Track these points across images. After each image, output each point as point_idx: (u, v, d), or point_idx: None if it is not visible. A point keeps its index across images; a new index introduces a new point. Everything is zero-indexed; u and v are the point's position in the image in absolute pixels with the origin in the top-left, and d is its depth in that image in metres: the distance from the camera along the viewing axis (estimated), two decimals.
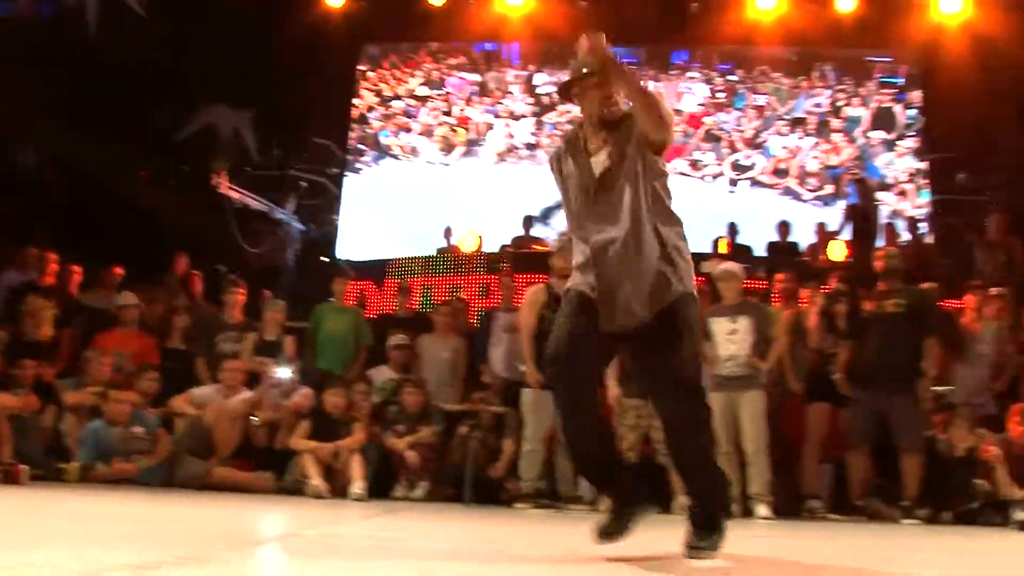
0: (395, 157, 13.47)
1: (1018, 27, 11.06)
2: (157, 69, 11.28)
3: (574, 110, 13.19)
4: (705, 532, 3.18)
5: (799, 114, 13.40)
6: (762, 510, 6.25)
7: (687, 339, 3.21)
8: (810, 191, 13.00)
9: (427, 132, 13.55)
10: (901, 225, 11.76)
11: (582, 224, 3.31)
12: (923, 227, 12.14)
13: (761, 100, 13.46)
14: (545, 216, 11.99)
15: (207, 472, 6.81)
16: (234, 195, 11.12)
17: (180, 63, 11.57)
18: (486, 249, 10.84)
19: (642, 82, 3.18)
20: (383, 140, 13.54)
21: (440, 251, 10.94)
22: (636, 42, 13.58)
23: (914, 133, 13.09)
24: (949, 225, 12.35)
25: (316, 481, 6.55)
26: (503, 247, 10.96)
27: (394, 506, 6.21)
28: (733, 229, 11.11)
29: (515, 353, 7.21)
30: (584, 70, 3.24)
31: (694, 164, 13.06)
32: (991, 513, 6.46)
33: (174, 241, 10.00)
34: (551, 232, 11.28)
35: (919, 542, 5.02)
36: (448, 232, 11.40)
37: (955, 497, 6.49)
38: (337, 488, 6.66)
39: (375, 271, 10.20)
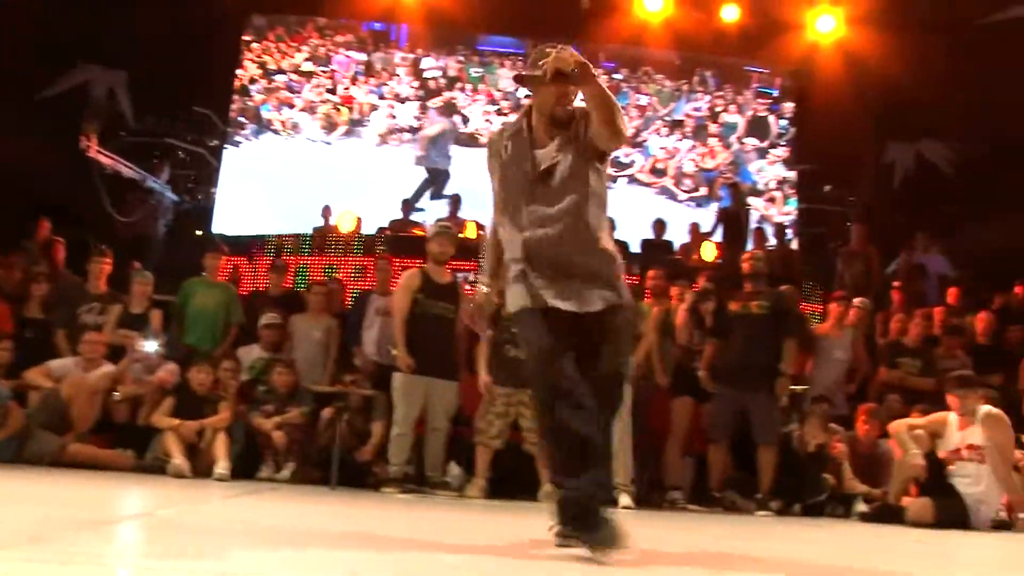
0: (276, 132, 13.17)
1: (885, 49, 11.66)
2: (27, 22, 10.69)
3: (459, 97, 13.28)
4: (581, 522, 3.18)
5: (678, 116, 13.79)
6: (625, 500, 6.39)
7: (613, 343, 3.33)
8: (685, 192, 13.42)
9: (310, 109, 13.31)
10: (769, 230, 12.24)
11: (516, 216, 3.33)
12: (789, 233, 12.68)
13: (643, 100, 13.77)
14: (415, 200, 12.06)
15: (61, 448, 6.51)
16: (105, 160, 10.65)
17: (54, 18, 11.00)
18: (364, 231, 10.75)
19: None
20: (265, 114, 13.21)
21: (316, 230, 10.78)
22: (524, 33, 13.69)
23: (785, 143, 13.68)
24: (813, 233, 12.99)
25: (178, 460, 6.36)
26: (380, 229, 10.90)
27: (258, 487, 6.11)
28: (610, 225, 11.31)
29: (388, 337, 7.18)
30: (559, 68, 3.17)
31: None
32: (836, 506, 6.86)
33: (36, 204, 9.53)
34: (427, 217, 11.31)
35: (769, 532, 5.27)
36: (326, 211, 11.25)
37: (805, 490, 6.80)
38: (200, 468, 6.50)
39: (250, 247, 9.97)
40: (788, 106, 13.80)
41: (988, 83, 11.21)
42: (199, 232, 11.88)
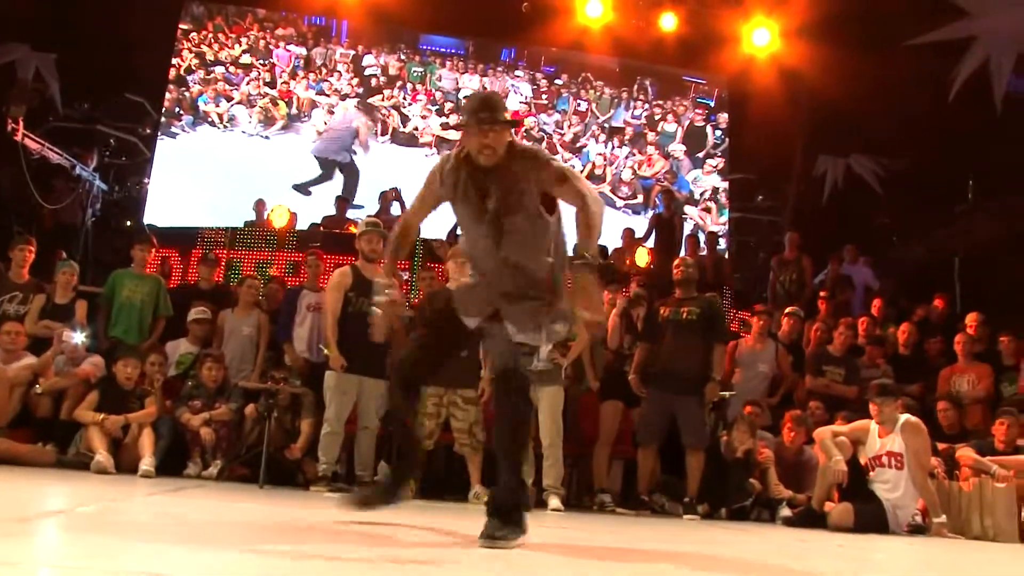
0: (213, 124, 12.94)
1: (818, 64, 11.93)
2: None
3: (398, 95, 13.15)
4: (505, 522, 3.31)
5: (617, 123, 13.93)
6: (554, 502, 6.42)
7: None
8: (622, 199, 13.56)
9: (248, 102, 13.11)
10: (703, 238, 12.43)
11: (469, 246, 3.68)
12: (722, 242, 12.89)
13: (583, 106, 13.87)
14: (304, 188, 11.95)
15: None
16: (32, 144, 10.32)
17: None
18: (298, 227, 10.64)
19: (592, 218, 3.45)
20: (202, 106, 12.97)
21: (248, 224, 10.62)
22: (466, 33, 13.70)
23: (720, 153, 13.92)
24: (744, 242, 13.24)
25: (101, 455, 6.20)
26: (312, 225, 10.78)
27: (184, 484, 5.99)
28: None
29: (319, 333, 7.12)
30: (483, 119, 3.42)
31: None
32: (762, 510, 6.99)
33: None
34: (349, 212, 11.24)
35: (695, 534, 5.35)
36: (259, 205, 11.10)
37: (731, 495, 6.92)
38: (125, 464, 6.36)
39: (181, 239, 9.76)
40: (724, 116, 14.05)
41: (913, 102, 11.56)
42: (129, 223, 11.60)
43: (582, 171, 13.44)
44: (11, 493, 4.48)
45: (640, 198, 13.58)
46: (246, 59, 13.30)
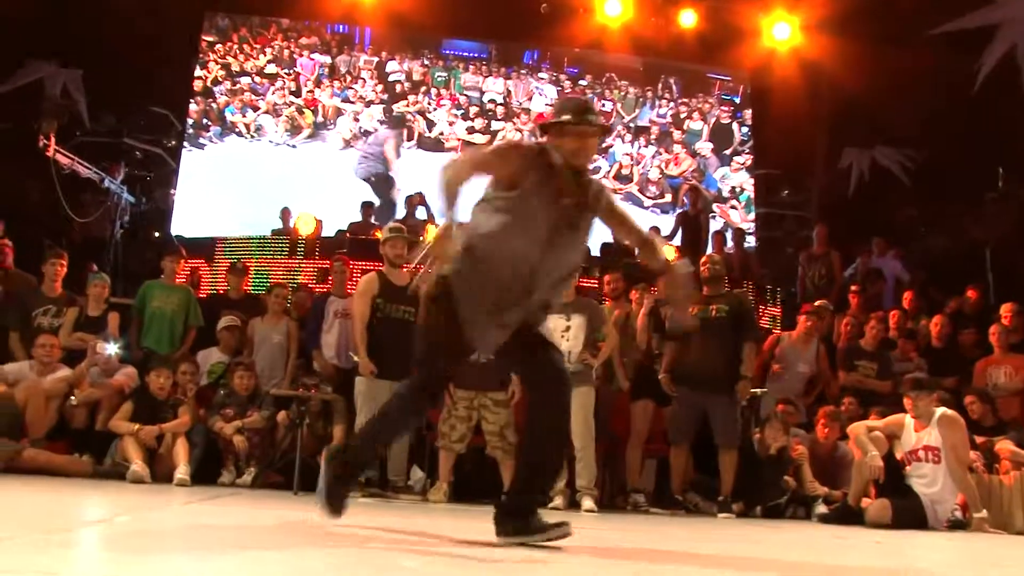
0: (240, 134, 13.03)
1: (839, 57, 11.85)
2: None
3: (423, 101, 13.11)
4: (524, 520, 3.33)
5: (643, 123, 13.87)
6: (587, 503, 6.41)
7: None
8: (650, 198, 13.50)
9: (274, 111, 13.19)
10: (730, 235, 12.36)
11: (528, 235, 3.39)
12: (750, 239, 12.81)
13: (607, 106, 13.84)
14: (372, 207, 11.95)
15: (16, 454, 6.37)
16: (63, 159, 10.46)
17: (7, 14, 10.80)
18: (324, 234, 10.68)
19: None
20: (229, 116, 13.07)
21: (275, 232, 10.69)
22: (488, 36, 13.71)
23: (747, 150, 13.84)
24: (771, 238, 13.15)
25: (137, 465, 6.26)
26: (339, 232, 10.82)
27: (219, 492, 6.03)
28: None
29: (347, 340, 7.15)
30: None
31: None
32: (797, 507, 6.94)
33: None
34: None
35: (730, 533, 5.31)
36: (285, 213, 11.17)
37: (766, 493, 6.88)
38: (160, 473, 6.41)
39: (209, 249, 9.85)
40: (749, 112, 13.95)
41: (938, 92, 11.44)
42: (157, 234, 11.72)
43: (608, 171, 13.42)
44: (51, 504, 4.53)
45: (668, 197, 13.54)
46: (271, 69, 13.40)
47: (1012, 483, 6.45)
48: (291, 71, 13.43)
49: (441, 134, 13.45)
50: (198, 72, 13.09)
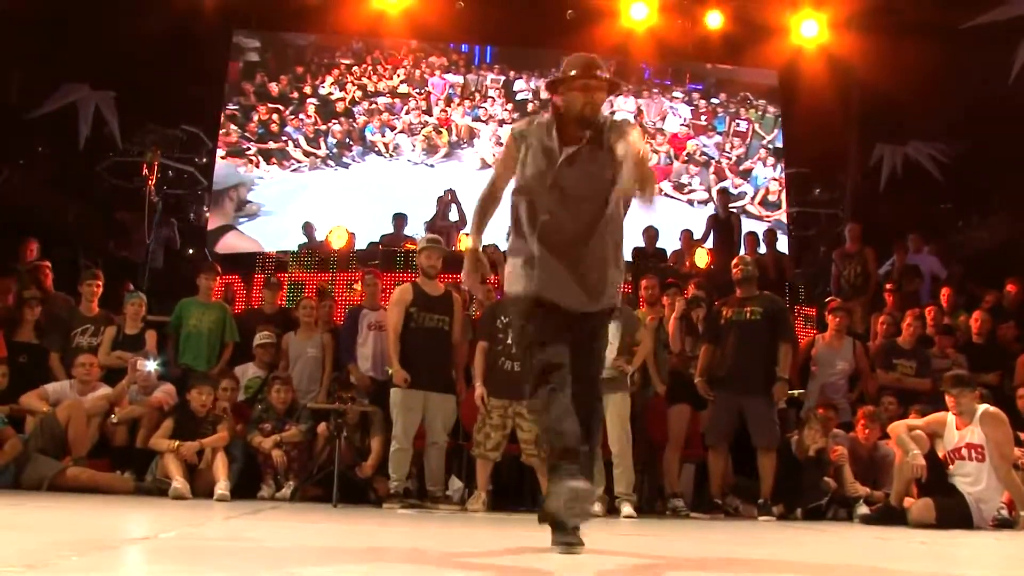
0: (379, 154, 13.08)
1: (868, 52, 11.74)
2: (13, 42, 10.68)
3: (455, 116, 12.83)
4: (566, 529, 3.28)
5: (780, 144, 13.63)
6: (627, 509, 6.39)
7: (602, 341, 3.67)
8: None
9: (409, 131, 13.24)
10: (762, 236, 12.25)
11: (536, 200, 3.52)
12: (782, 237, 12.68)
13: (743, 125, 13.57)
14: None
15: (59, 473, 6.48)
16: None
17: (39, 38, 11.00)
18: (358, 246, 10.72)
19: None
20: (369, 136, 13.17)
21: (301, 247, 10.75)
22: (511, 43, 13.64)
23: (779, 148, 13.69)
24: (804, 236, 13.02)
25: (178, 482, 6.32)
26: (371, 244, 10.85)
27: (260, 507, 6.07)
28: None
29: (382, 352, 7.17)
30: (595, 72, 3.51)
31: (679, 187, 13.02)
32: (838, 509, 6.86)
33: (23, 226, 9.49)
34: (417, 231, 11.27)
35: (772, 536, 5.27)
36: (309, 228, 11.22)
37: (806, 494, 6.81)
38: (200, 489, 6.47)
39: (243, 264, 9.93)
40: (778, 110, 13.81)
41: (972, 85, 11.29)
42: (191, 251, 11.85)
43: (754, 196, 13.25)
44: (96, 521, 4.59)
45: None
46: (403, 89, 13.45)
47: None
48: (422, 91, 13.41)
49: None
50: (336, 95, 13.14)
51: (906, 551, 4.50)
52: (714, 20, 12.75)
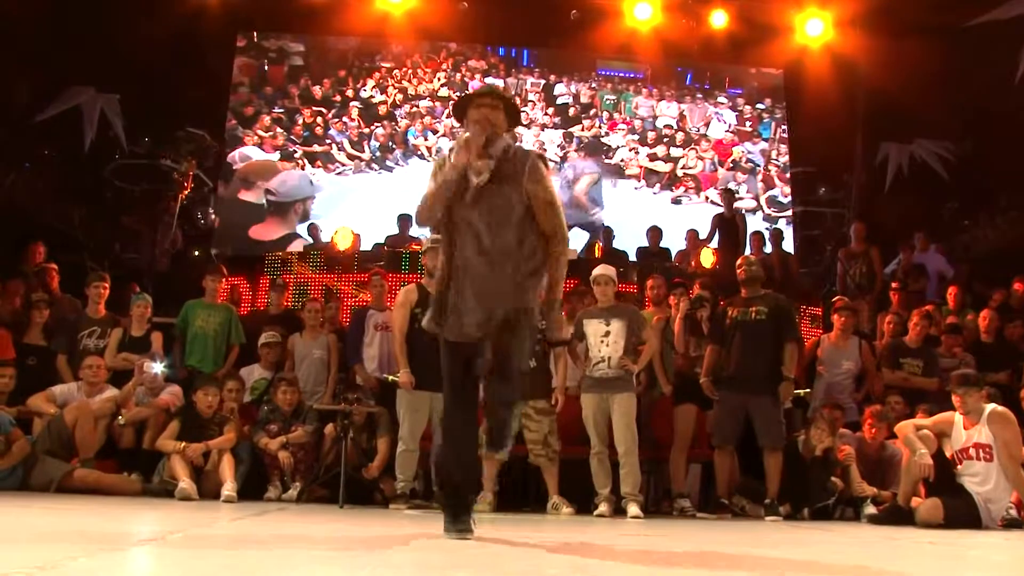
0: (422, 157, 13.09)
1: (873, 51, 11.71)
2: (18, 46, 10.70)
3: (597, 125, 12.52)
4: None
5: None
6: (633, 509, 6.37)
7: (521, 338, 3.87)
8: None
9: (451, 135, 13.15)
10: (768, 236, 12.24)
11: (452, 230, 3.81)
12: (786, 237, 12.67)
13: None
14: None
15: (67, 474, 6.50)
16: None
17: (44, 42, 11.02)
18: (362, 247, 10.72)
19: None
20: (411, 140, 13.23)
21: (307, 248, 10.75)
22: (516, 44, 13.60)
23: (783, 147, 13.68)
24: (809, 236, 13.00)
25: (185, 483, 6.33)
26: (376, 245, 10.86)
27: (266, 508, 6.07)
28: (608, 234, 11.38)
29: (389, 352, 7.17)
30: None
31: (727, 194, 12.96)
32: (845, 509, 6.85)
33: (29, 229, 9.52)
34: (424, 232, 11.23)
35: (779, 536, 5.25)
36: (314, 229, 11.21)
37: (813, 494, 6.80)
38: (207, 490, 6.48)
39: (249, 266, 9.95)
40: (781, 108, 13.80)
41: (977, 84, 11.27)
42: (196, 253, 11.87)
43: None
44: (104, 522, 4.59)
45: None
46: (444, 92, 13.46)
47: None
48: (463, 95, 13.39)
49: (622, 161, 13.29)
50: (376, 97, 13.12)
51: (914, 551, 4.49)
52: (719, 19, 12.73)
